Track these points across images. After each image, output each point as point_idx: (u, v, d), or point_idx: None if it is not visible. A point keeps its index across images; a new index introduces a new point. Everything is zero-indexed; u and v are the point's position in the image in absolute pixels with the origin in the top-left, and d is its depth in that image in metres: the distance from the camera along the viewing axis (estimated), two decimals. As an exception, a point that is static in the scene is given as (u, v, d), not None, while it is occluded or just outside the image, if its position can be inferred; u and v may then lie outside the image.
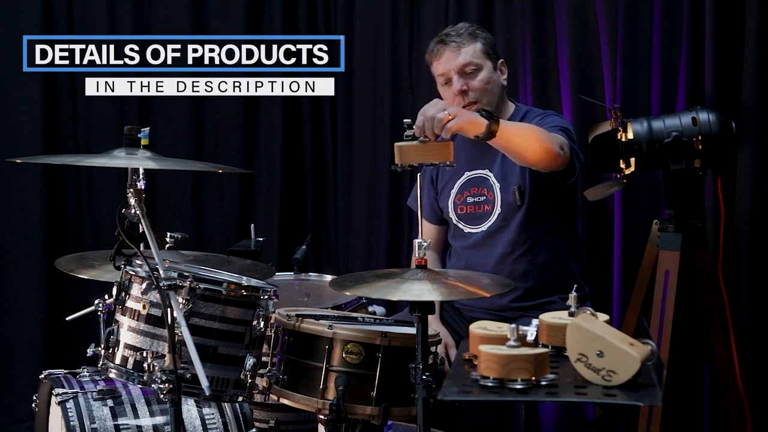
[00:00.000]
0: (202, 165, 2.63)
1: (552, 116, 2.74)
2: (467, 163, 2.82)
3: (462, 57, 2.72)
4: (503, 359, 1.57)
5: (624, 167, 2.37)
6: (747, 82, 2.50)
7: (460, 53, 2.73)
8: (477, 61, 2.73)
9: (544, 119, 2.71)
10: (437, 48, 2.77)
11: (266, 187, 3.90)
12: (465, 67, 2.72)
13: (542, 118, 2.73)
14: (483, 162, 2.79)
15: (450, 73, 2.74)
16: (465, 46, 2.73)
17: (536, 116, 2.76)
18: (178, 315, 1.95)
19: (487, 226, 2.75)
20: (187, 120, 3.88)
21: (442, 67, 2.76)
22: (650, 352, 1.60)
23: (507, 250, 2.73)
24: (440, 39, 2.78)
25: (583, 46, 3.02)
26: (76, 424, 2.37)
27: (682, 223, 2.33)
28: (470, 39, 2.74)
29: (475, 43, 2.74)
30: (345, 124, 3.83)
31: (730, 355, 2.38)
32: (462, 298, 2.71)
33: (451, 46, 2.74)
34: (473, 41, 2.74)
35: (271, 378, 2.31)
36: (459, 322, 2.83)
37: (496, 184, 2.75)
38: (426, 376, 2.04)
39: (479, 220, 2.78)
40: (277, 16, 3.84)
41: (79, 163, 2.66)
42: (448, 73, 2.74)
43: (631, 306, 2.50)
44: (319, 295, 2.99)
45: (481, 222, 2.77)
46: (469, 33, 2.75)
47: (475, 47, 2.74)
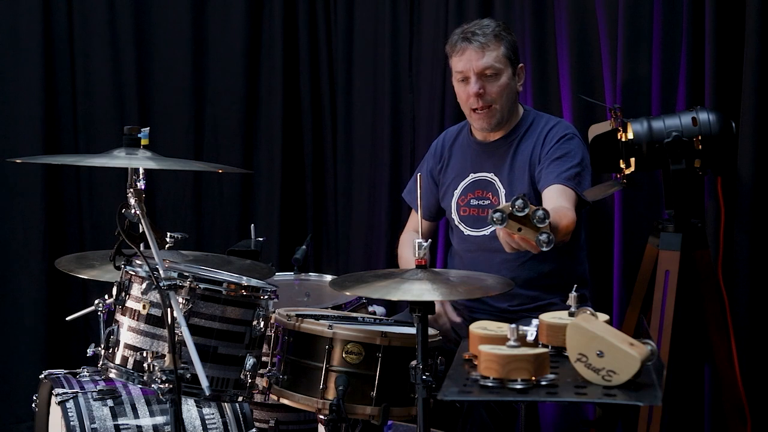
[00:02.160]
0: (202, 165, 2.63)
1: (568, 142, 2.67)
2: (473, 165, 2.82)
3: (485, 60, 2.68)
4: (503, 359, 1.57)
5: (624, 167, 2.37)
6: (747, 82, 2.49)
7: (483, 55, 2.68)
8: (498, 66, 2.70)
9: (560, 147, 2.64)
10: (461, 44, 2.71)
11: (266, 187, 3.90)
12: (485, 70, 2.69)
13: (559, 144, 2.65)
14: (489, 165, 2.79)
15: (469, 72, 2.70)
16: (489, 48, 2.68)
17: (549, 128, 2.71)
18: (178, 315, 1.95)
19: (489, 230, 2.73)
20: (187, 120, 3.88)
21: (462, 64, 2.71)
22: (650, 352, 1.60)
23: (510, 257, 2.72)
24: (465, 35, 2.72)
25: (583, 46, 3.01)
26: (76, 424, 2.37)
27: (682, 223, 2.33)
28: (495, 41, 2.69)
29: (499, 46, 2.70)
30: (345, 124, 3.83)
31: (730, 355, 2.38)
32: (462, 298, 2.71)
33: (474, 46, 2.68)
34: (498, 44, 2.70)
35: (271, 378, 2.31)
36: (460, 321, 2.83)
37: (502, 189, 2.74)
38: (426, 376, 2.04)
39: (482, 224, 2.77)
40: (277, 15, 3.84)
41: (79, 163, 2.66)
42: (467, 72, 2.70)
43: (631, 306, 2.50)
44: (319, 295, 2.99)
45: (484, 226, 2.76)
46: (495, 34, 2.70)
47: (499, 51, 2.69)
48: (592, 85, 3.01)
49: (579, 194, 2.59)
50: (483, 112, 2.71)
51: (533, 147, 2.73)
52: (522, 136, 2.76)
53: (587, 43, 3.01)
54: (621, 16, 2.83)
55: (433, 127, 3.42)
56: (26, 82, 3.74)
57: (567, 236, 2.46)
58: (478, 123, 2.75)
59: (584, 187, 2.63)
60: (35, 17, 3.72)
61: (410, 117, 3.61)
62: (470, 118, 2.77)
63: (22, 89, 3.74)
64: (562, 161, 2.64)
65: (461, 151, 2.88)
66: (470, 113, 2.75)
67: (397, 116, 3.62)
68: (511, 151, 2.76)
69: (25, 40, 3.73)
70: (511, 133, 2.78)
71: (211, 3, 3.87)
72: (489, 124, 2.74)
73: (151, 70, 3.86)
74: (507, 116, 2.76)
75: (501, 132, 2.79)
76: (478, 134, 2.84)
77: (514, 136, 2.78)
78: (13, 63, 3.74)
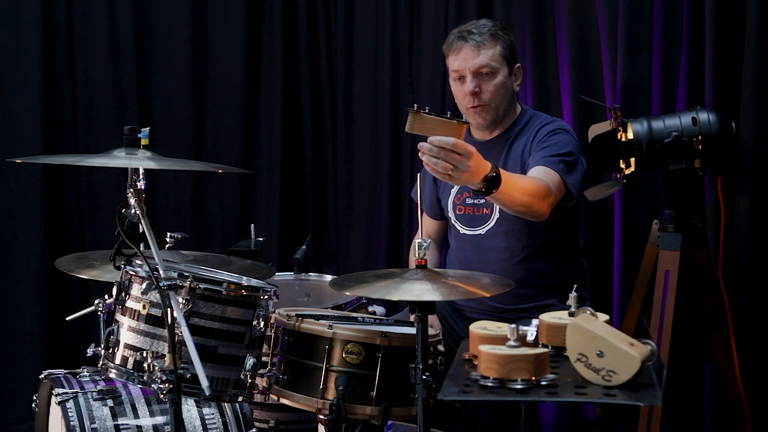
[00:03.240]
0: (202, 165, 2.63)
1: (559, 135, 2.68)
2: None
3: (480, 58, 2.69)
4: (503, 359, 1.57)
5: (624, 167, 2.37)
6: (747, 82, 2.49)
7: (479, 54, 2.69)
8: (494, 65, 2.70)
9: (549, 138, 2.67)
10: (457, 43, 2.72)
11: (266, 187, 3.90)
12: (481, 69, 2.69)
13: (548, 136, 2.68)
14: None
15: (465, 71, 2.70)
16: (485, 47, 2.69)
17: (542, 125, 2.73)
18: (178, 315, 1.95)
19: (485, 229, 2.75)
20: (187, 120, 3.88)
21: (458, 63, 2.72)
22: (650, 352, 1.60)
23: (505, 256, 2.73)
24: (461, 34, 2.72)
25: (583, 46, 3.01)
26: (76, 424, 2.37)
27: (682, 223, 2.33)
28: (491, 40, 2.70)
29: (495, 45, 2.70)
30: (345, 124, 3.83)
31: (730, 355, 2.38)
32: (462, 298, 2.71)
33: (470, 44, 2.69)
34: (494, 43, 2.70)
35: (271, 378, 2.31)
36: (459, 322, 2.83)
37: None
38: (426, 376, 2.04)
39: (477, 223, 2.78)
40: (277, 15, 3.84)
41: (79, 163, 2.66)
42: (463, 71, 2.71)
43: (631, 306, 2.50)
44: (319, 295, 3.00)
45: (479, 225, 2.77)
46: (491, 33, 2.71)
47: (495, 50, 2.70)
48: (592, 85, 3.01)
49: (564, 179, 2.57)
50: (477, 109, 2.71)
51: (525, 144, 2.74)
52: (517, 135, 2.77)
53: (587, 43, 3.01)
54: (621, 16, 2.83)
55: (433, 127, 3.41)
56: (26, 82, 3.74)
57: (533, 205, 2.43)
58: (474, 119, 2.75)
59: (573, 177, 2.62)
60: (35, 17, 3.72)
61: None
62: (467, 116, 2.78)
63: (22, 89, 3.74)
64: (548, 149, 2.64)
65: None
66: (466, 111, 2.76)
67: (397, 116, 3.62)
68: (505, 150, 2.77)
69: (25, 40, 3.73)
70: (506, 131, 2.79)
71: (211, 3, 3.87)
72: (485, 120, 2.74)
73: (151, 70, 3.86)
74: (503, 115, 2.76)
75: (497, 130, 2.79)
76: (476, 133, 2.84)
77: (509, 135, 2.78)
78: (13, 63, 3.74)
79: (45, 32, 3.74)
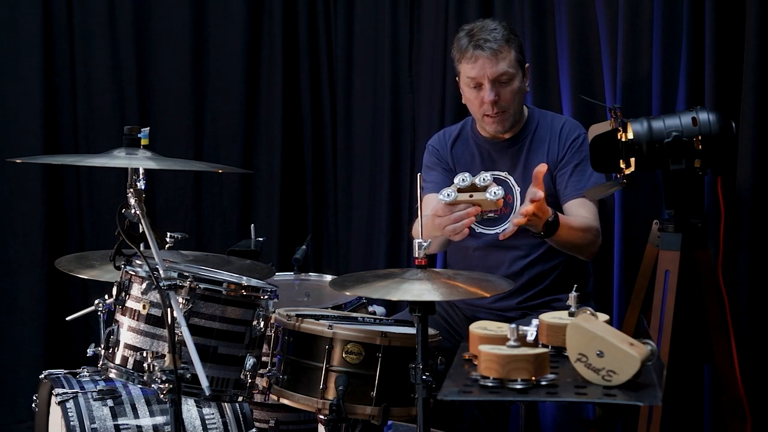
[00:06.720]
0: (202, 165, 2.64)
1: (584, 145, 2.70)
2: (483, 163, 2.80)
3: (499, 66, 2.66)
4: (503, 359, 1.57)
5: (624, 167, 2.36)
6: (747, 82, 2.49)
7: (497, 62, 2.66)
8: (512, 71, 2.69)
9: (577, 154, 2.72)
10: (474, 52, 2.68)
11: (266, 187, 3.90)
12: (500, 77, 2.67)
13: (577, 148, 2.72)
14: (502, 163, 2.78)
15: (483, 79, 2.67)
16: (501, 54, 2.66)
17: (560, 125, 2.77)
18: (178, 315, 1.95)
19: (501, 228, 2.73)
20: (187, 120, 3.88)
21: (475, 72, 2.68)
22: (650, 352, 1.60)
23: (522, 254, 2.73)
24: (475, 42, 2.68)
25: (583, 46, 3.01)
26: (76, 424, 2.37)
27: (682, 223, 2.33)
28: (507, 46, 2.68)
29: (510, 51, 2.68)
30: (345, 124, 3.83)
31: (730, 355, 2.38)
32: (462, 298, 2.71)
33: (487, 53, 2.66)
34: (509, 49, 2.68)
35: (271, 378, 2.31)
36: (460, 322, 2.83)
37: (517, 187, 2.74)
38: (426, 376, 2.04)
39: (494, 222, 2.76)
40: (277, 15, 3.84)
41: (79, 163, 2.66)
42: (481, 78, 2.68)
43: (631, 306, 2.50)
44: (319, 295, 3.00)
45: (496, 224, 2.76)
46: (505, 39, 2.68)
47: (511, 56, 2.68)
48: (592, 85, 3.01)
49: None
50: (497, 116, 2.71)
51: (548, 146, 2.75)
52: (532, 136, 2.77)
53: (587, 43, 3.01)
54: (621, 16, 2.83)
55: (433, 127, 3.41)
56: (26, 82, 3.74)
57: (585, 240, 2.61)
58: (492, 127, 2.74)
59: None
60: (35, 17, 3.72)
61: (410, 117, 3.61)
62: (482, 122, 2.76)
63: (22, 89, 3.74)
64: (581, 171, 2.69)
65: (466, 149, 2.86)
66: (482, 118, 2.74)
67: (397, 116, 3.62)
68: (524, 151, 2.76)
69: (25, 39, 3.73)
70: (520, 132, 2.79)
71: (211, 3, 3.87)
72: (503, 127, 2.74)
73: (151, 70, 3.86)
74: (518, 118, 2.77)
75: (510, 132, 2.79)
76: (486, 133, 2.83)
77: (524, 135, 2.79)
78: (13, 63, 3.74)
79: (45, 32, 3.74)
